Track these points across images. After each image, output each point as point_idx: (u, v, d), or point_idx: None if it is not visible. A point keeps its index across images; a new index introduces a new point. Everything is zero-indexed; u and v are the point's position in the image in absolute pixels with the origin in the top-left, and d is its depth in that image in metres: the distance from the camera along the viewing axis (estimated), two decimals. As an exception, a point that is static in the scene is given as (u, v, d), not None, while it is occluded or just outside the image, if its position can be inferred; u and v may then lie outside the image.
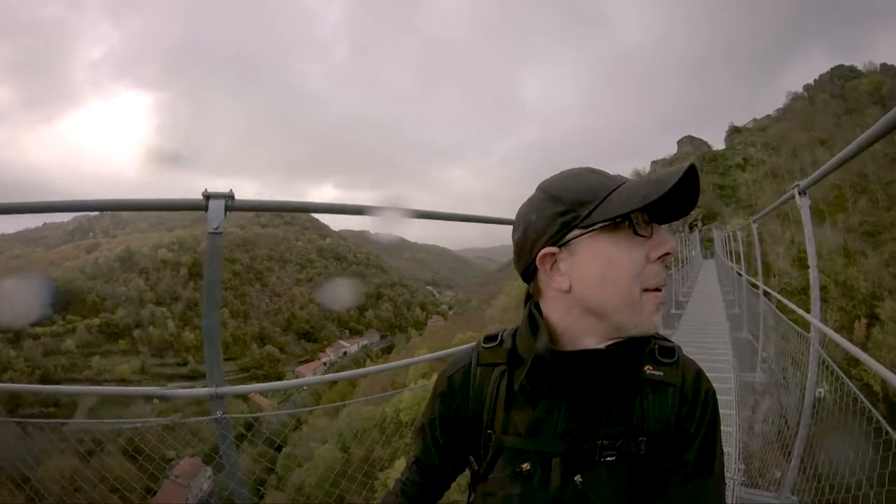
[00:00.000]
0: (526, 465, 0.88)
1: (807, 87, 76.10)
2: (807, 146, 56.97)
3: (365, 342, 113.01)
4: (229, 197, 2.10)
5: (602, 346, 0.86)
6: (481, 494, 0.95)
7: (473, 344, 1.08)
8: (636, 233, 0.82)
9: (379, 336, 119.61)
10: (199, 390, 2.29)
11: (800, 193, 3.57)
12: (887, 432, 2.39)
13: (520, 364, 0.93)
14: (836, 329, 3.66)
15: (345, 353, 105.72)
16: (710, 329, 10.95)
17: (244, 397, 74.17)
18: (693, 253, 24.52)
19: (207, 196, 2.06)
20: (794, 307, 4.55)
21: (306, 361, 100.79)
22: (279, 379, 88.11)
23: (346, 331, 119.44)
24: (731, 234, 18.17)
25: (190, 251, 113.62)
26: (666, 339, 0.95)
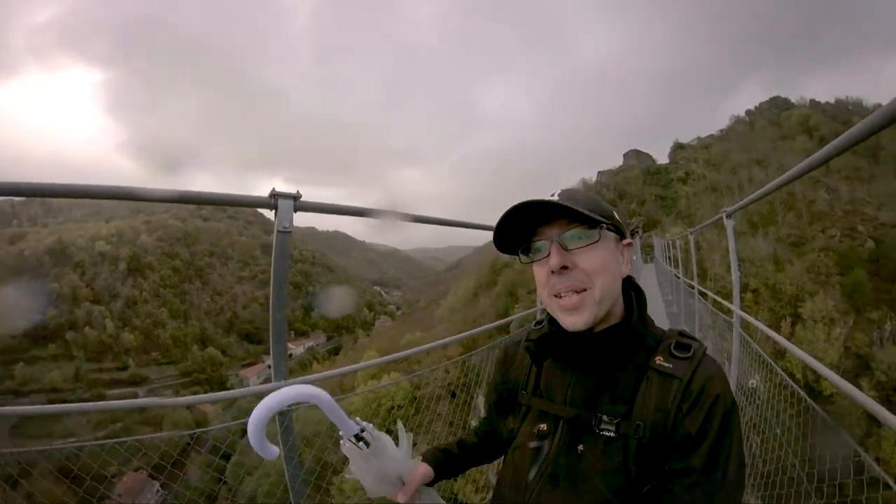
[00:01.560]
0: (544, 426, 1.04)
1: (748, 113, 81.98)
2: (745, 165, 60.72)
3: (311, 343, 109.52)
4: (297, 197, 2.14)
5: (583, 328, 0.98)
6: (512, 448, 1.11)
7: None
8: (529, 261, 1.04)
9: (325, 337, 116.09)
10: (265, 386, 2.33)
11: (726, 217, 4.56)
12: (814, 409, 2.78)
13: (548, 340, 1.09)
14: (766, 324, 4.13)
15: (290, 356, 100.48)
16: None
17: (188, 406, 71.05)
18: (634, 258, 25.77)
19: (276, 195, 2.08)
20: (722, 301, 5.42)
21: (250, 364, 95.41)
22: (222, 384, 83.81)
23: (292, 332, 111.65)
24: (670, 241, 19.51)
25: (129, 244, 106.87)
26: (689, 337, 1.01)
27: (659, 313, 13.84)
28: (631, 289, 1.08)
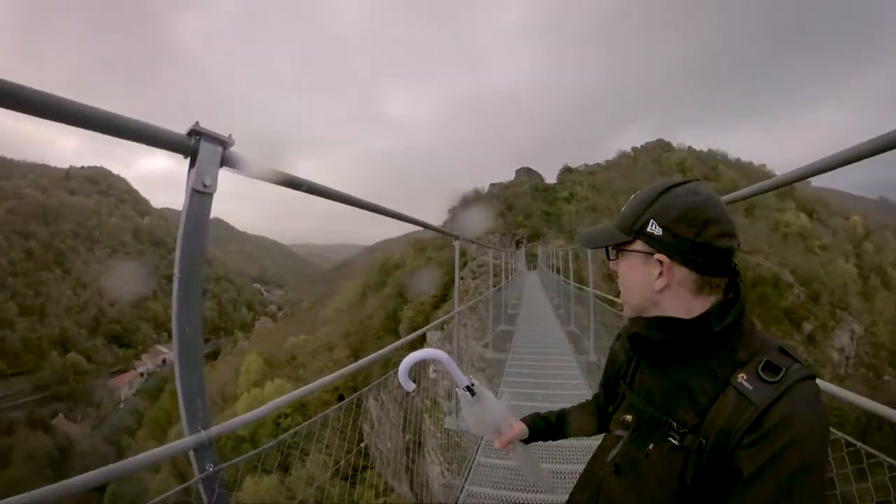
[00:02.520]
0: (629, 417, 1.08)
1: (634, 149, 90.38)
2: (625, 192, 66.03)
3: None
4: (227, 144, 1.41)
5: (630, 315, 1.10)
6: (608, 429, 1.19)
7: None
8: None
9: (202, 339, 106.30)
10: (183, 442, 1.40)
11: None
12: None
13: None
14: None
15: (164, 361, 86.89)
16: (545, 326, 13.45)
17: (47, 426, 59.89)
18: (519, 265, 27.76)
19: (198, 133, 1.34)
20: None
21: (120, 371, 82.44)
22: (89, 395, 71.44)
23: (164, 333, 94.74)
24: (553, 251, 21.91)
25: None
26: (789, 355, 0.89)
27: (549, 315, 15.35)
28: (733, 293, 0.99)
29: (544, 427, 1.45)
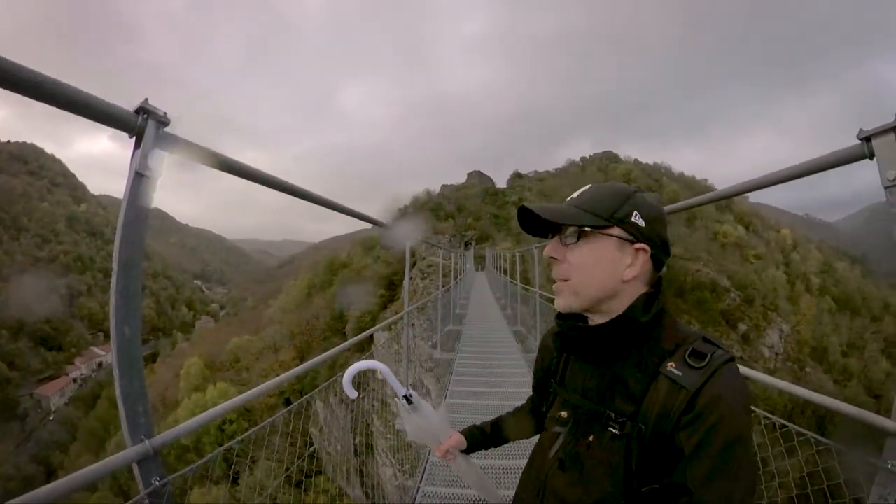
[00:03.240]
0: (564, 413, 1.10)
1: (582, 159, 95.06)
2: None
3: None
4: (165, 122, 1.30)
5: (563, 311, 1.08)
6: (544, 430, 1.19)
7: None
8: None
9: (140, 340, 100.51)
10: (125, 454, 1.27)
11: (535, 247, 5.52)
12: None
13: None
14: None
15: (100, 364, 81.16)
16: (493, 324, 13.90)
17: None
18: (468, 266, 28.10)
19: (145, 111, 1.24)
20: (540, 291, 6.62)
21: (49, 378, 73.83)
22: (12, 408, 64.65)
23: (100, 333, 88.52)
24: (500, 253, 22.09)
25: None
26: (712, 343, 0.95)
27: (496, 314, 15.91)
28: (654, 288, 1.06)
29: (481, 437, 1.50)
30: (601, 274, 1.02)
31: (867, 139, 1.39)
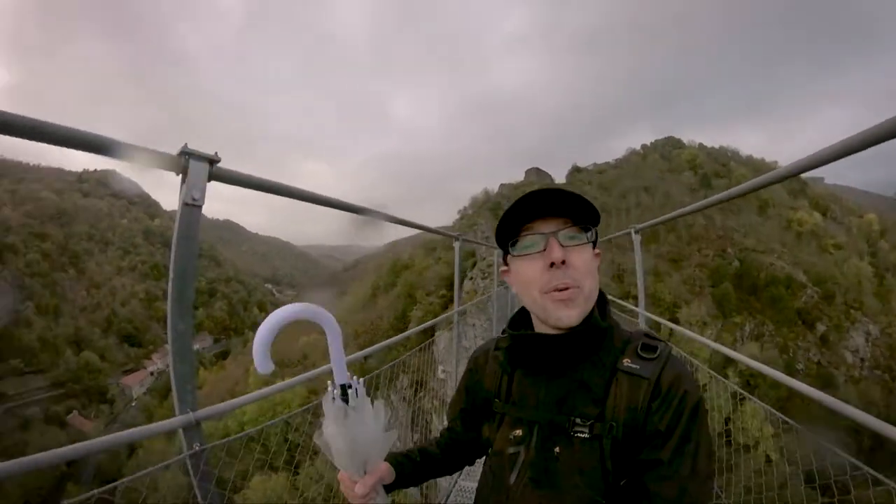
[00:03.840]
0: (519, 431, 1.05)
1: (643, 147, 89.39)
2: (633, 191, 66.66)
3: (196, 347, 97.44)
4: (215, 161, 1.59)
5: (576, 323, 1.00)
6: (491, 454, 1.13)
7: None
8: (519, 254, 1.05)
9: (212, 340, 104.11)
10: (174, 421, 1.59)
11: (635, 232, 5.37)
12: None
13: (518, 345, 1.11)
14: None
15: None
16: None
17: (62, 421, 61.60)
18: None
19: (187, 154, 1.51)
20: (626, 304, 6.60)
21: (131, 371, 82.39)
22: (102, 394, 73.71)
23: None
24: None
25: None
26: (655, 338, 1.03)
27: None
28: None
29: (411, 468, 1.23)
30: (597, 280, 1.05)
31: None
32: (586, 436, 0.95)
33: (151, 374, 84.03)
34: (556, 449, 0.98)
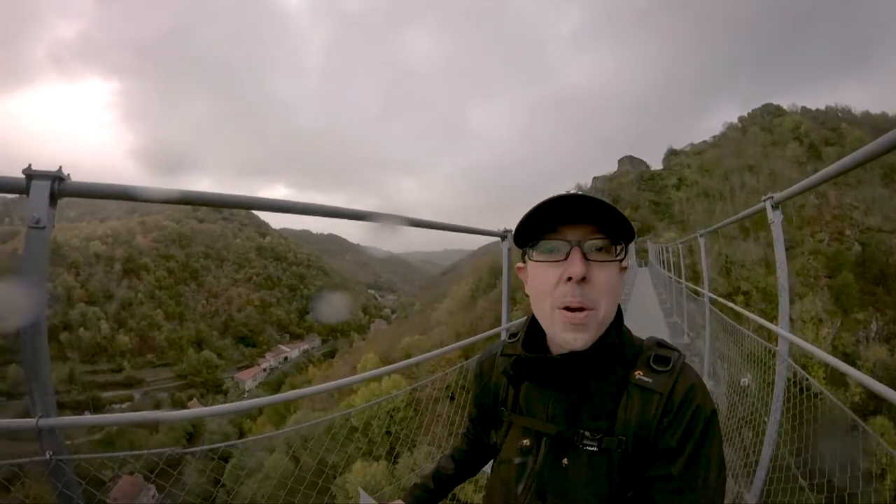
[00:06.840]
0: (526, 441, 1.03)
1: (741, 119, 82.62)
2: (737, 170, 61.73)
3: (306, 346, 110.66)
4: (58, 178, 1.50)
5: (581, 349, 0.94)
6: (497, 462, 1.12)
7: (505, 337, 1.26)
8: (540, 259, 0.97)
9: (320, 340, 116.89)
10: (21, 421, 1.54)
11: (773, 207, 3.36)
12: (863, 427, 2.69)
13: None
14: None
15: (286, 359, 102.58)
16: (653, 331, 12.47)
17: (184, 407, 69.88)
18: (630, 261, 26.36)
19: (30, 175, 1.46)
20: (760, 320, 4.23)
21: (246, 367, 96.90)
22: (218, 386, 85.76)
23: (287, 335, 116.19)
24: (665, 247, 19.89)
25: (125, 245, 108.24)
26: (669, 348, 1.00)
27: (658, 322, 14.23)
28: None
29: (427, 497, 1.32)
30: (618, 300, 0.99)
31: None
32: (595, 449, 0.94)
33: (264, 370, 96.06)
34: (564, 461, 0.96)
